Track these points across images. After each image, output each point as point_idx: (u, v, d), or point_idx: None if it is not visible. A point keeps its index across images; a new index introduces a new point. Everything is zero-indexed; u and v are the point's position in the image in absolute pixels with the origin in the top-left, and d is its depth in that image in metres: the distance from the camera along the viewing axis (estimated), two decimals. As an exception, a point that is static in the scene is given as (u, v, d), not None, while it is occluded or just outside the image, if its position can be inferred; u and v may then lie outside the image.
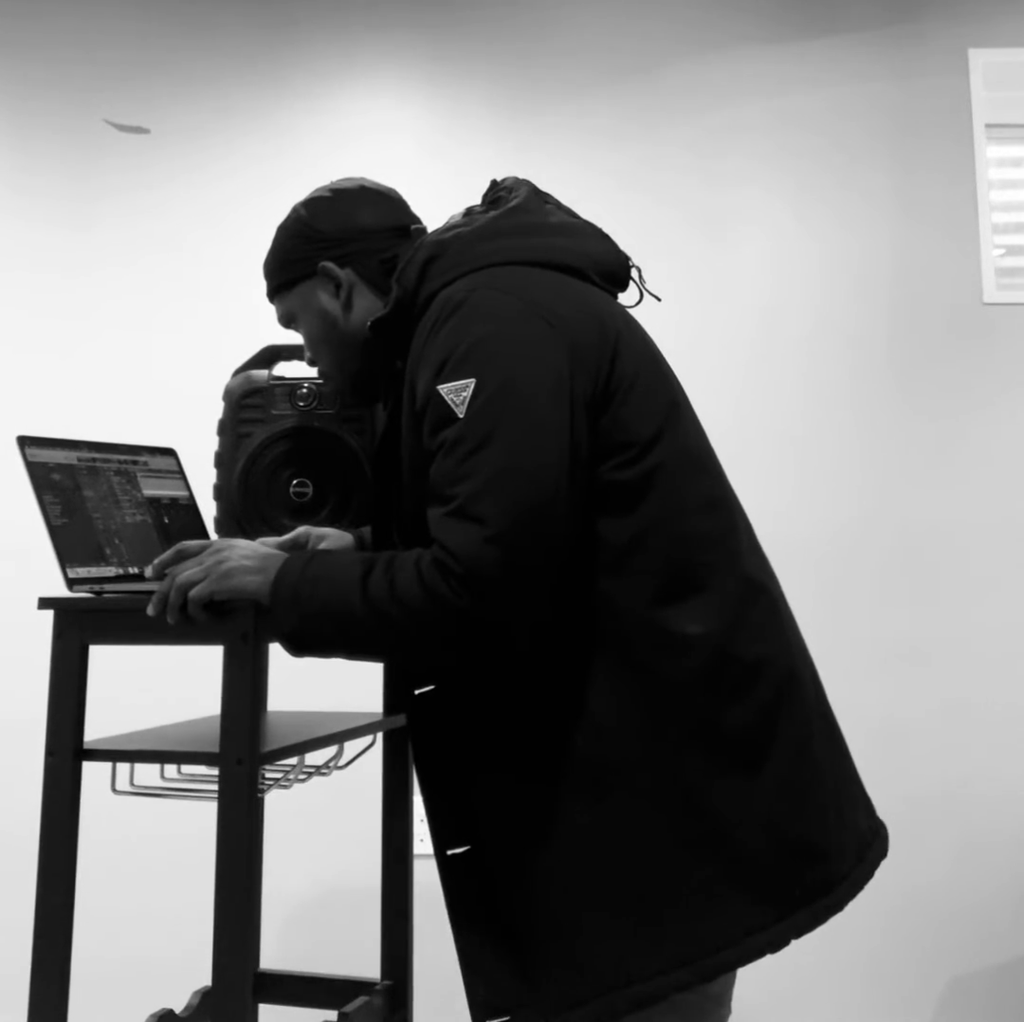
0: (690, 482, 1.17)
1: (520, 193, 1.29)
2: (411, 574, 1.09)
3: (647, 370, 1.20)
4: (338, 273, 1.33)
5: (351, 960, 2.46)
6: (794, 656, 1.19)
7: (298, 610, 1.15)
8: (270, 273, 1.39)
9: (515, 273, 1.18)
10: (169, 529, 1.57)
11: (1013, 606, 2.64)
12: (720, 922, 1.08)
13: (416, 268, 1.24)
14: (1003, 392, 2.71)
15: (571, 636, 1.14)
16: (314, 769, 1.54)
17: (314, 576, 1.15)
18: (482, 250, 1.21)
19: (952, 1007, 2.50)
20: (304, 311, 1.36)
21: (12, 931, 2.48)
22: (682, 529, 1.15)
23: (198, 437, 2.57)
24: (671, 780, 1.10)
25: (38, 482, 1.39)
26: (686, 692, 1.11)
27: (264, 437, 1.67)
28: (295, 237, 1.35)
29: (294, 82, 2.81)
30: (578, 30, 2.83)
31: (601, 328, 1.17)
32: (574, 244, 1.26)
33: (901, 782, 2.57)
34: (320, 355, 1.38)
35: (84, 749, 1.35)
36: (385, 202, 1.37)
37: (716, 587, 1.15)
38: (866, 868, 1.17)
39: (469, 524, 1.06)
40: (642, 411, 1.16)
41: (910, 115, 2.80)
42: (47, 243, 2.75)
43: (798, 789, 1.13)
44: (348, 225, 1.33)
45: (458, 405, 1.09)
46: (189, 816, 2.50)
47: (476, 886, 1.18)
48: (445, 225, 1.29)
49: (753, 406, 2.69)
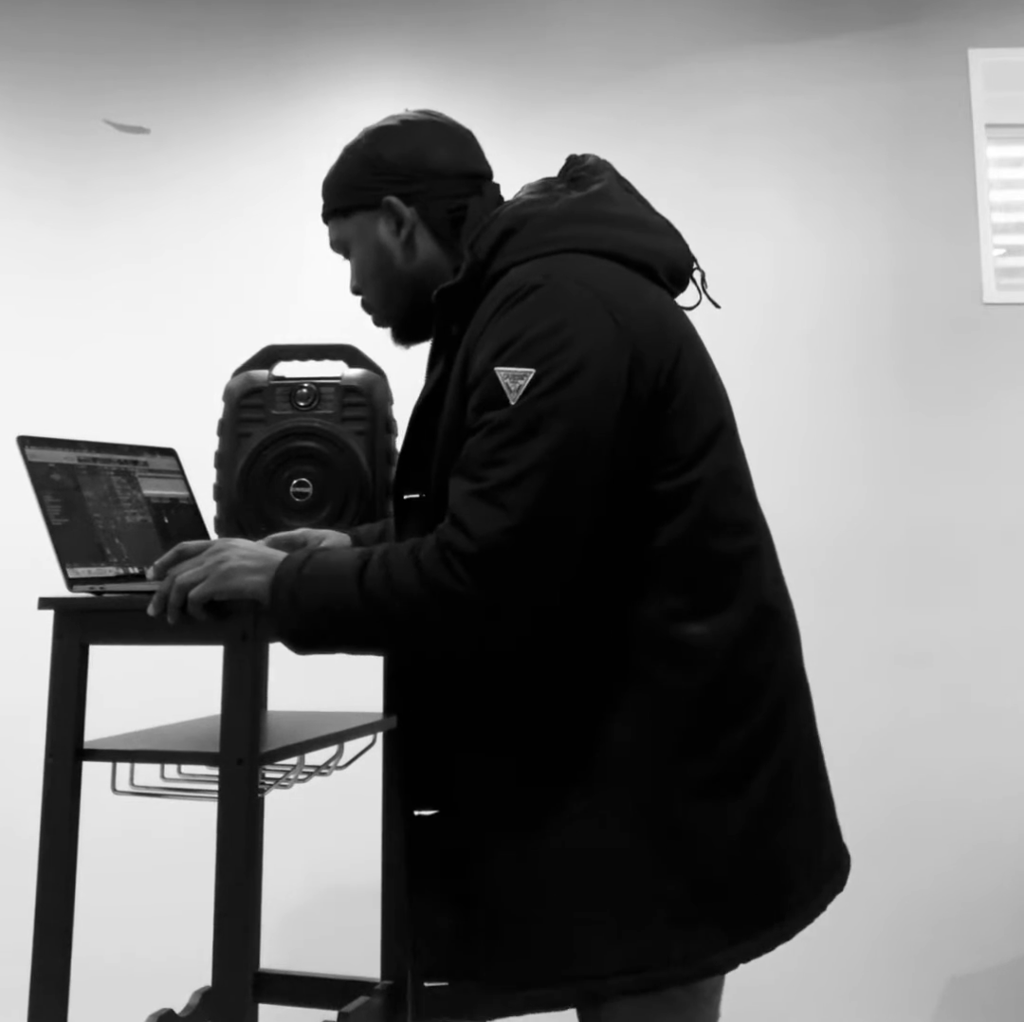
0: (723, 503, 1.16)
1: (603, 178, 1.26)
2: (407, 563, 1.09)
3: (702, 385, 1.19)
4: (403, 210, 1.28)
5: (351, 960, 2.46)
6: (793, 685, 1.20)
7: (298, 609, 1.15)
8: (330, 195, 1.34)
9: (591, 264, 1.16)
10: (169, 529, 1.57)
11: (1016, 606, 2.63)
12: (675, 937, 1.08)
13: (491, 239, 1.20)
14: (1003, 392, 2.71)
15: (582, 636, 1.14)
16: (314, 769, 1.54)
17: (312, 574, 1.15)
18: (561, 233, 1.18)
19: (952, 1007, 2.50)
20: (359, 241, 1.32)
21: (12, 931, 2.48)
22: (707, 549, 1.14)
23: (198, 437, 2.57)
24: (655, 791, 1.10)
25: (38, 482, 1.39)
26: (685, 708, 1.12)
27: (264, 437, 1.67)
28: (362, 164, 1.30)
29: (294, 83, 2.81)
30: (579, 29, 2.83)
31: (665, 335, 1.16)
32: (650, 241, 1.23)
33: (902, 782, 2.57)
34: (368, 288, 1.34)
35: (84, 749, 1.35)
36: (459, 143, 1.31)
37: (733, 610, 1.15)
38: (821, 901, 1.17)
39: (492, 508, 1.06)
40: (691, 425, 1.15)
41: (910, 115, 2.80)
42: (47, 243, 2.75)
43: (773, 819, 1.13)
44: (418, 162, 1.28)
45: (512, 391, 1.08)
46: (189, 816, 2.50)
47: (440, 851, 1.18)
48: (523, 197, 1.25)
49: (754, 405, 2.69)
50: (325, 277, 2.72)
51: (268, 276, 2.75)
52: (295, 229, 2.76)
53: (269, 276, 2.75)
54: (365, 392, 1.70)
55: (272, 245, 2.76)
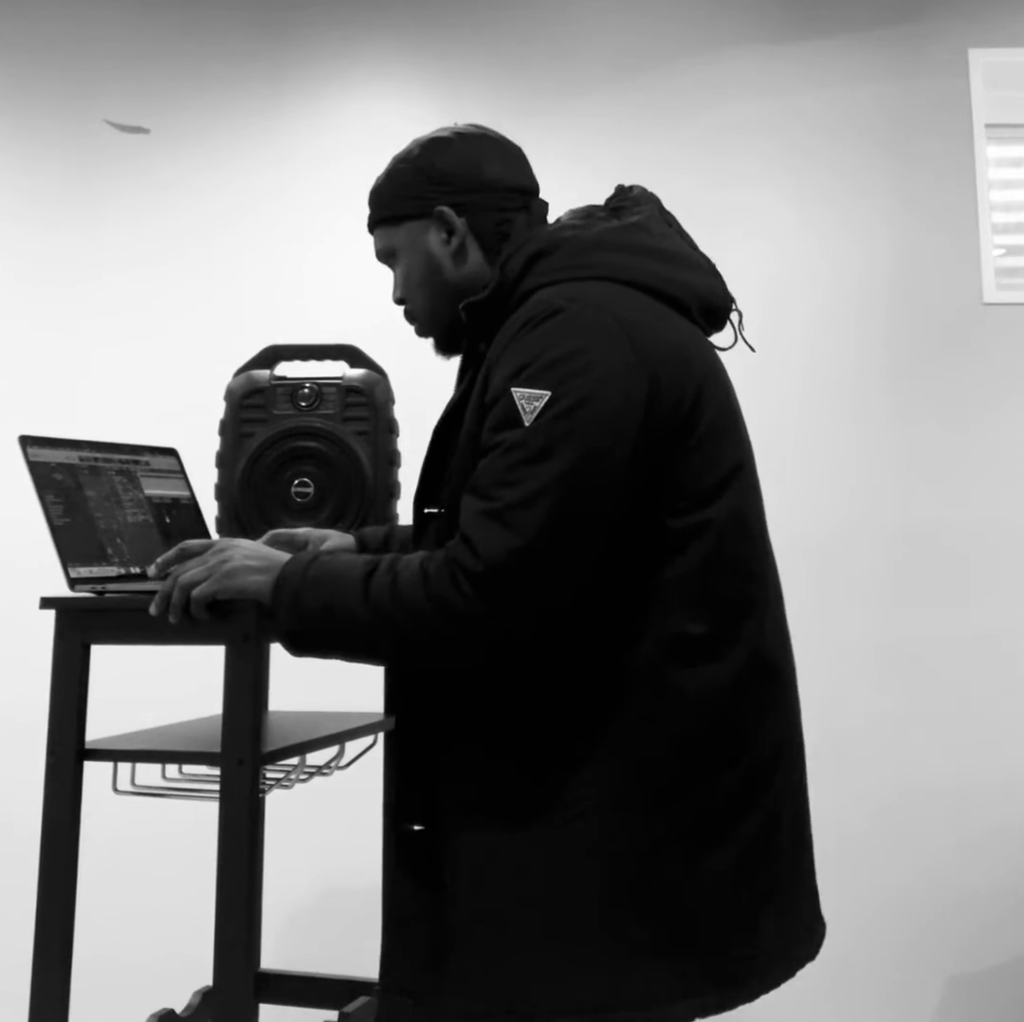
0: (733, 547, 1.15)
1: (644, 210, 1.26)
2: (415, 575, 1.09)
3: (722, 425, 1.18)
4: (455, 220, 1.28)
5: (351, 960, 2.46)
6: (782, 746, 1.19)
7: (299, 611, 1.14)
8: (380, 204, 1.33)
9: (618, 292, 1.16)
10: (170, 529, 1.57)
11: (1009, 607, 2.64)
12: (633, 983, 1.07)
13: (522, 260, 1.21)
14: (1003, 392, 2.71)
15: (578, 665, 1.13)
16: (315, 769, 1.54)
17: (316, 577, 1.15)
18: (591, 259, 1.19)
19: (952, 1007, 2.51)
20: (409, 250, 1.31)
21: (13, 931, 2.49)
22: (711, 592, 1.13)
23: (200, 437, 2.57)
24: (631, 834, 1.09)
25: (40, 482, 1.39)
26: (670, 753, 1.11)
27: (265, 437, 1.67)
28: (416, 173, 1.30)
29: (295, 84, 2.81)
30: (578, 30, 2.83)
31: (688, 370, 1.15)
32: (683, 276, 1.23)
33: (900, 782, 2.57)
34: (414, 297, 1.34)
35: (85, 749, 1.35)
36: (510, 158, 1.32)
37: (729, 659, 1.14)
38: (789, 965, 1.16)
39: (501, 529, 1.06)
40: (709, 464, 1.15)
41: (910, 115, 2.80)
42: (48, 244, 2.75)
43: (748, 877, 1.12)
44: (472, 173, 1.29)
45: (527, 412, 1.08)
46: (190, 816, 2.50)
47: (422, 867, 1.18)
48: (562, 221, 1.26)
49: (752, 406, 2.69)
50: (327, 277, 2.72)
51: (270, 276, 2.75)
52: (296, 230, 2.76)
53: (271, 276, 2.75)
54: (366, 392, 1.71)
55: (274, 246, 2.76)
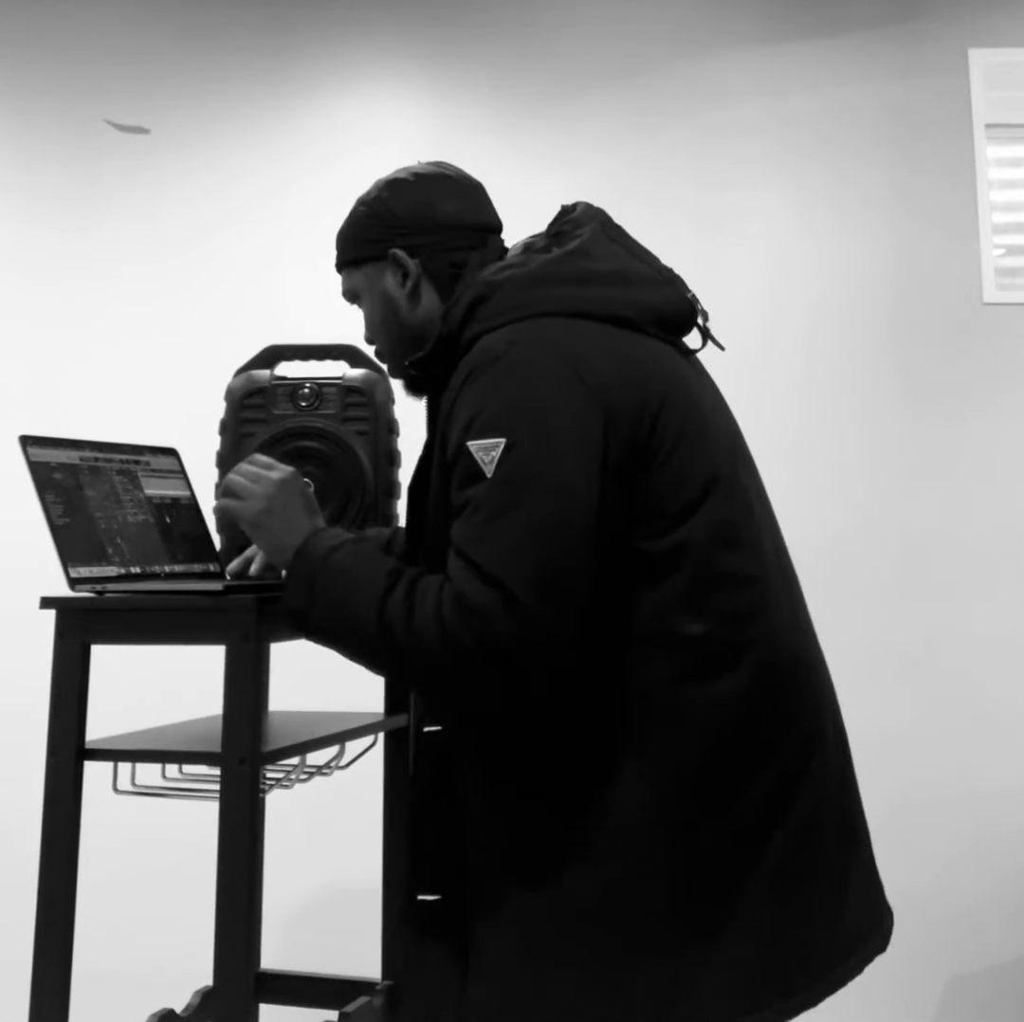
0: (719, 560, 1.13)
1: (585, 232, 1.24)
2: (432, 608, 1.06)
3: (690, 438, 1.15)
4: (408, 262, 1.30)
5: (351, 960, 2.46)
6: (814, 738, 1.16)
7: (310, 594, 1.14)
8: (341, 247, 1.37)
9: (561, 327, 1.14)
10: (171, 529, 1.57)
11: (1013, 608, 2.64)
12: (688, 1002, 1.05)
13: (462, 309, 1.21)
14: (1003, 392, 2.71)
15: (593, 702, 1.11)
16: (315, 769, 1.54)
17: (338, 567, 1.14)
18: (531, 298, 1.18)
19: (952, 1007, 2.51)
20: (368, 292, 1.34)
21: (13, 931, 2.49)
22: (705, 607, 1.12)
23: (200, 437, 2.57)
24: (658, 863, 1.08)
25: (40, 482, 1.39)
26: (690, 776, 1.09)
27: (265, 437, 1.67)
28: (372, 217, 1.33)
29: (296, 83, 2.81)
30: (576, 32, 2.83)
31: (644, 391, 1.13)
32: (632, 294, 1.21)
33: (904, 784, 2.57)
34: (378, 337, 1.37)
35: (86, 749, 1.35)
36: (467, 197, 1.34)
37: (739, 669, 1.12)
38: (849, 969, 1.13)
39: (487, 588, 1.04)
40: (677, 482, 1.13)
41: (910, 115, 2.80)
42: (47, 243, 2.75)
43: (794, 884, 1.10)
44: (425, 216, 1.30)
45: (486, 464, 1.07)
46: (190, 816, 2.50)
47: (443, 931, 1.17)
48: (504, 261, 1.25)
49: (752, 407, 2.69)
50: (327, 277, 2.72)
51: (270, 276, 2.75)
52: (297, 230, 2.76)
53: (271, 276, 2.75)
54: (367, 392, 1.71)
55: (274, 245, 2.76)
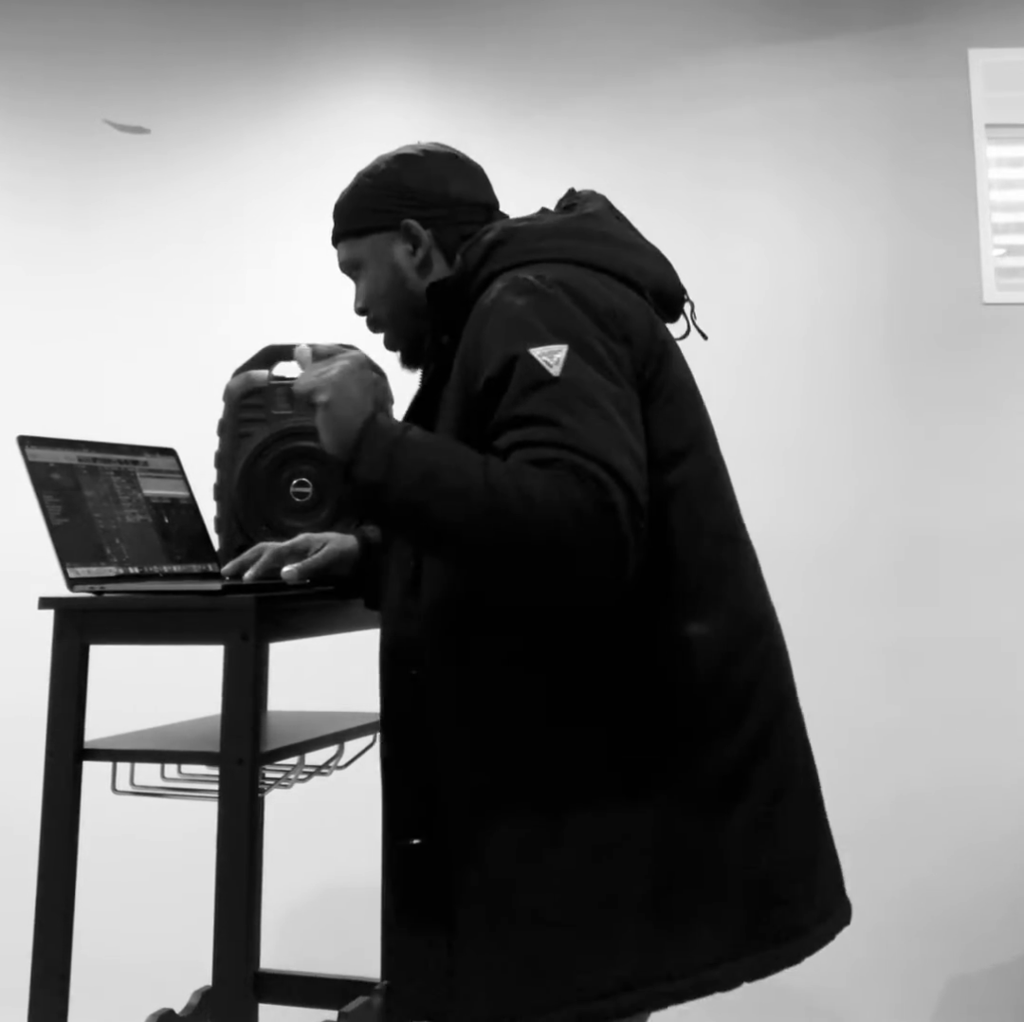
0: (706, 509, 1.17)
1: (595, 204, 1.31)
2: (545, 478, 1.01)
3: (685, 387, 1.21)
4: (420, 233, 1.31)
5: (351, 960, 2.46)
6: (783, 707, 1.19)
7: (389, 464, 1.07)
8: (344, 217, 1.36)
9: (579, 272, 1.19)
10: (169, 529, 1.57)
11: (1008, 607, 2.63)
12: (677, 951, 1.06)
13: (482, 248, 1.24)
14: (1003, 392, 2.71)
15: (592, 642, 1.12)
16: (314, 769, 1.54)
17: (419, 442, 1.08)
18: (547, 245, 1.22)
19: (952, 1007, 2.51)
20: (374, 262, 1.34)
21: (13, 931, 2.49)
22: (695, 556, 1.14)
23: (198, 437, 2.58)
24: (646, 813, 1.09)
25: (39, 482, 1.39)
26: (674, 728, 1.11)
27: (264, 437, 1.67)
28: (381, 187, 1.33)
29: (294, 83, 2.81)
30: (578, 32, 2.83)
31: (653, 339, 1.19)
32: (636, 260, 1.26)
33: (902, 784, 2.57)
34: (378, 308, 1.36)
35: (84, 749, 1.35)
36: (472, 175, 1.37)
37: (720, 620, 1.14)
38: (829, 928, 1.16)
39: (599, 467, 1.01)
40: (676, 421, 1.17)
41: (910, 115, 2.80)
42: (47, 243, 2.75)
43: (768, 834, 1.12)
44: (438, 189, 1.32)
45: (552, 366, 1.07)
46: (189, 816, 2.50)
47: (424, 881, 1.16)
48: (516, 217, 1.30)
49: (752, 407, 2.69)
50: (326, 277, 2.72)
51: (269, 276, 2.75)
52: (296, 229, 2.76)
53: (270, 276, 2.75)
54: (365, 392, 1.70)
55: (273, 245, 2.76)
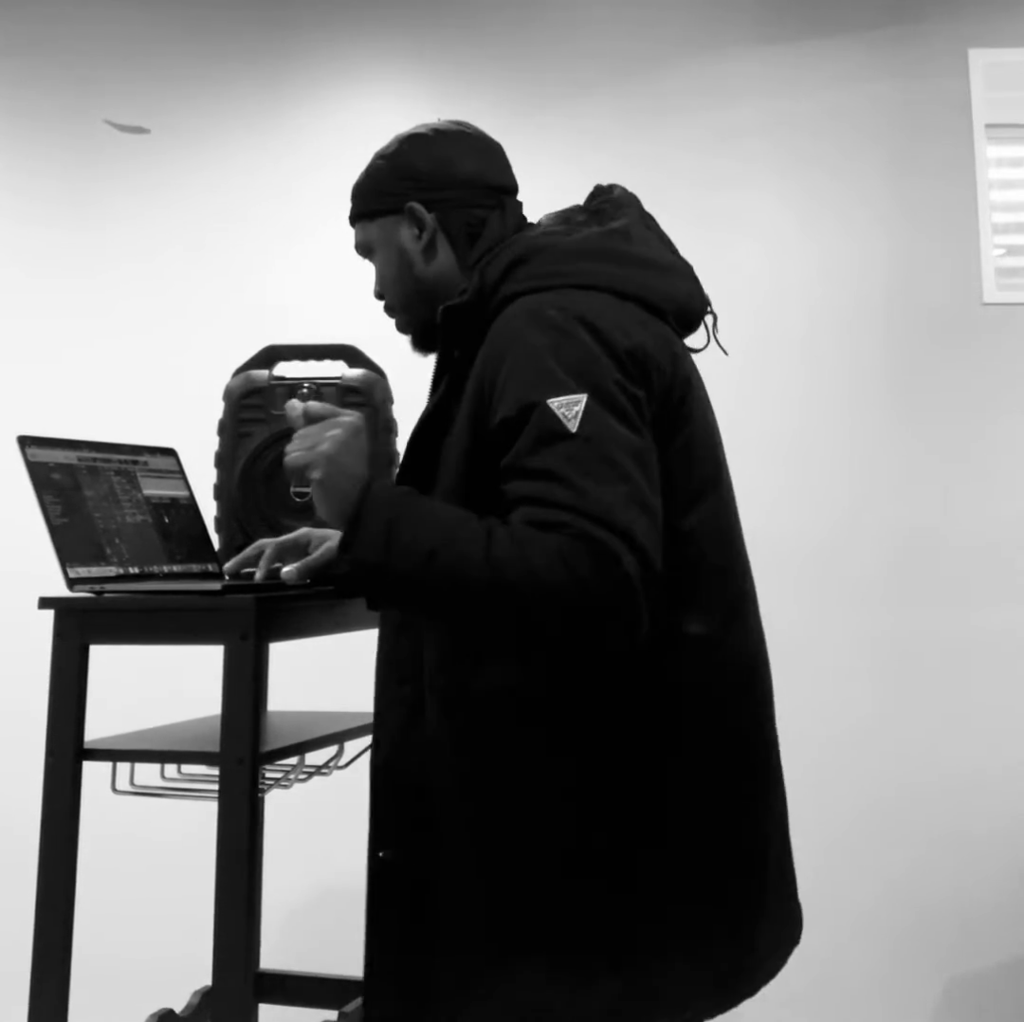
0: (715, 554, 1.17)
1: (626, 213, 1.26)
2: (550, 550, 0.99)
3: (703, 424, 1.20)
4: (424, 216, 1.29)
5: (351, 960, 2.46)
6: (758, 736, 1.20)
7: (387, 542, 1.05)
8: (357, 199, 1.36)
9: (599, 301, 1.15)
10: (169, 529, 1.57)
11: (1008, 606, 2.63)
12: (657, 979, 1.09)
13: (501, 265, 1.20)
14: (1003, 392, 2.71)
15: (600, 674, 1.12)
16: (314, 769, 1.54)
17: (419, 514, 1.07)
18: (571, 268, 1.18)
19: (952, 1007, 2.50)
20: (383, 245, 1.33)
21: (12, 931, 2.48)
22: (705, 599, 1.15)
23: (198, 437, 2.57)
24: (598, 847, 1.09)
25: (39, 482, 1.39)
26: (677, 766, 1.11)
27: (264, 437, 1.67)
28: (390, 170, 1.32)
29: (295, 84, 2.81)
30: (576, 33, 2.83)
31: (675, 367, 1.16)
32: (661, 283, 1.23)
33: (899, 782, 2.57)
34: (389, 292, 1.35)
35: (84, 749, 1.36)
36: (487, 156, 1.32)
37: (724, 665, 1.15)
38: (777, 962, 1.19)
39: (610, 534, 0.99)
40: (694, 462, 1.16)
41: (910, 115, 2.80)
42: (47, 244, 2.75)
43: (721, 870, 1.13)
44: (444, 170, 1.29)
45: (570, 419, 1.04)
46: (189, 816, 2.50)
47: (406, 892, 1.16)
48: (542, 225, 1.26)
49: (751, 407, 2.69)
50: (325, 277, 2.72)
51: (268, 276, 2.75)
52: (296, 229, 2.76)
53: (269, 276, 2.75)
54: (365, 392, 1.71)
55: (273, 245, 2.76)
